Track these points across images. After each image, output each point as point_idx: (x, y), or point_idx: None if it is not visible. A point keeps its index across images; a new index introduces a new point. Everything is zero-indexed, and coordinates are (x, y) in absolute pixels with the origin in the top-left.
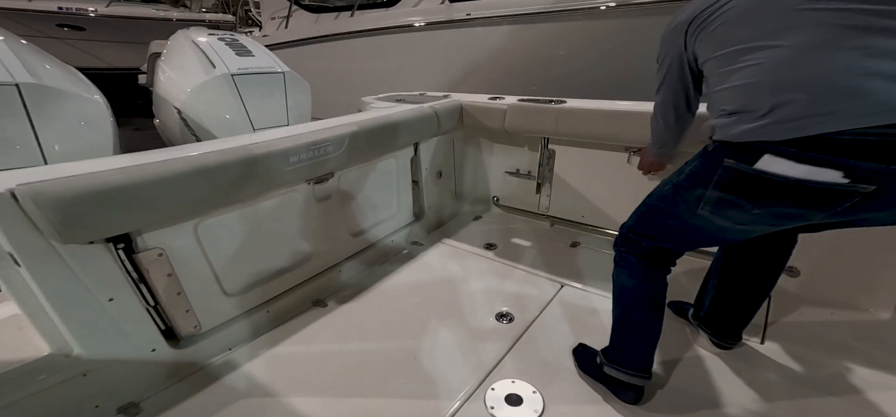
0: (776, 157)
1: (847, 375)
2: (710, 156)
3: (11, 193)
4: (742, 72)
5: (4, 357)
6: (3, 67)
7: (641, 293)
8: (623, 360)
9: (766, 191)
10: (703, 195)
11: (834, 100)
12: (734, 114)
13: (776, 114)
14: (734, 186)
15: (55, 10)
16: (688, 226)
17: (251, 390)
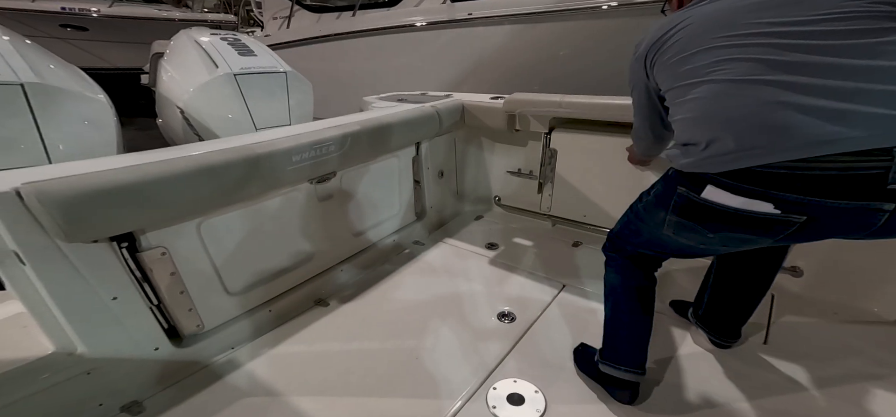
0: (717, 188)
1: (851, 377)
2: (669, 181)
3: (16, 192)
4: (687, 105)
5: (9, 356)
6: (7, 67)
7: (629, 290)
8: (616, 357)
9: (714, 218)
10: (664, 217)
11: (758, 134)
12: (684, 146)
13: (712, 148)
14: (688, 212)
15: (58, 11)
16: (661, 240)
17: (253, 389)
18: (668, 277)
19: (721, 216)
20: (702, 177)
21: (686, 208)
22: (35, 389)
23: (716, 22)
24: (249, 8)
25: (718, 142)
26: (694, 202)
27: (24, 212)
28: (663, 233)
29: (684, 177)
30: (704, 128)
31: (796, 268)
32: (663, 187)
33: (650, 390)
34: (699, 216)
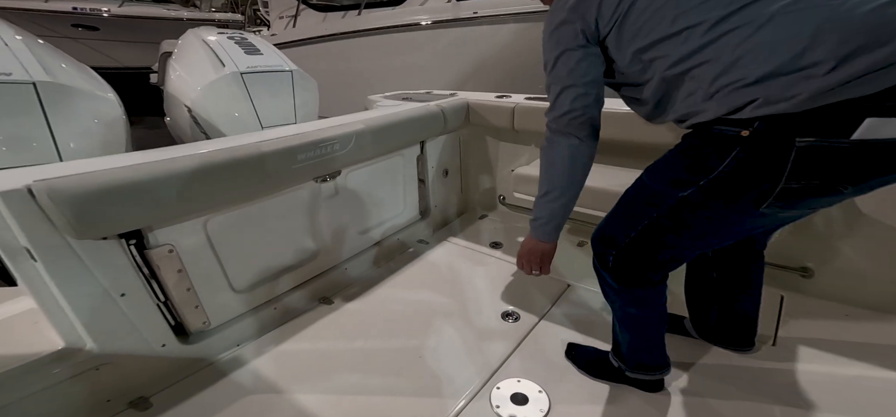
0: (882, 119)
1: (861, 378)
2: (759, 139)
3: (29, 189)
4: (762, 28)
5: (20, 351)
6: (21, 66)
7: (659, 316)
8: (646, 367)
9: (866, 164)
10: (765, 192)
11: None
12: (771, 78)
13: (856, 62)
14: (817, 170)
15: (70, 11)
16: (727, 233)
17: (258, 386)
18: None
19: (879, 156)
20: (850, 109)
21: (813, 164)
22: (45, 384)
23: None
24: (256, 7)
25: (867, 52)
26: (834, 150)
27: (35, 210)
28: (746, 221)
29: (801, 119)
30: (823, 39)
31: (807, 269)
32: (746, 155)
33: (657, 392)
34: (838, 170)
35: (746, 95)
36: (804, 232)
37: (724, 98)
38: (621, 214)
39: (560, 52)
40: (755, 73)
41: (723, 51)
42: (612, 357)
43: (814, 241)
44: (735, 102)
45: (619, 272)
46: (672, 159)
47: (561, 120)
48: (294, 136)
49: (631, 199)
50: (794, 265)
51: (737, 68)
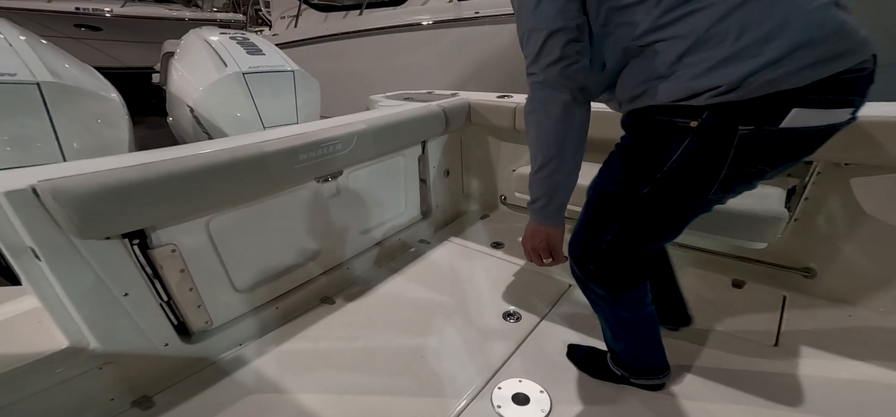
0: (804, 109)
1: (864, 379)
2: (708, 126)
3: (33, 189)
4: (716, 8)
5: (25, 350)
6: (25, 66)
7: (650, 318)
8: (648, 372)
9: (787, 149)
10: (718, 174)
11: (835, 37)
12: (721, 66)
13: (793, 59)
14: (754, 154)
15: (73, 11)
16: (688, 216)
17: (260, 385)
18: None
19: (799, 144)
20: (780, 99)
21: (755, 149)
22: (49, 383)
23: None
24: (258, 7)
25: (808, 48)
26: (767, 135)
27: (40, 209)
28: (701, 203)
29: (740, 108)
30: (760, 34)
31: (809, 270)
32: (697, 145)
33: (661, 390)
34: (774, 154)
35: (708, 81)
36: (806, 232)
37: (688, 81)
38: (591, 224)
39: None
40: (719, 55)
41: (693, 28)
42: (612, 365)
43: (816, 242)
44: (695, 87)
45: (603, 279)
46: (624, 159)
47: (552, 69)
48: (296, 136)
49: (596, 206)
50: (797, 265)
51: (703, 48)
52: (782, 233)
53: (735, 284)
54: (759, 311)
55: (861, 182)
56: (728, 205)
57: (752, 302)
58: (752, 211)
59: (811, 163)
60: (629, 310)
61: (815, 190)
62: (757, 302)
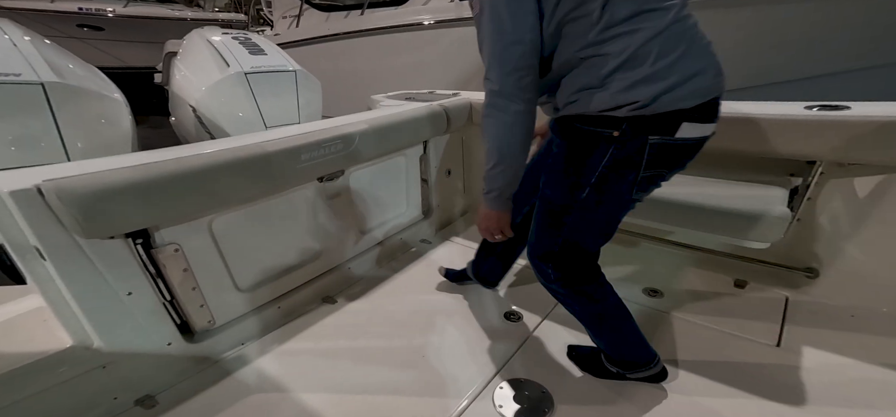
0: (691, 124)
1: (868, 380)
2: (627, 136)
3: (38, 189)
4: (636, 36)
5: (29, 349)
6: (29, 67)
7: (617, 305)
8: (640, 363)
9: (680, 156)
10: (635, 178)
11: (709, 65)
12: (632, 87)
13: (688, 85)
14: (660, 160)
15: (75, 11)
16: (618, 216)
17: (262, 385)
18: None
19: (685, 151)
20: (675, 116)
21: (661, 155)
22: (54, 382)
23: None
24: (259, 7)
25: (697, 78)
26: (668, 146)
27: (44, 209)
28: (627, 202)
29: (648, 122)
30: (671, 63)
31: (812, 270)
32: (618, 152)
33: (660, 391)
34: (671, 158)
35: (630, 96)
36: (809, 232)
37: (615, 93)
38: (543, 231)
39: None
40: (640, 75)
41: (625, 47)
42: (606, 364)
43: (819, 242)
44: (620, 100)
45: (562, 279)
46: (563, 168)
47: (507, 80)
48: (298, 136)
49: (545, 215)
50: (799, 265)
51: (630, 67)
52: (785, 233)
53: (737, 284)
54: (761, 311)
55: (864, 181)
56: (731, 205)
57: (754, 302)
58: (754, 212)
59: (814, 163)
60: (594, 304)
61: (818, 189)
62: (759, 303)
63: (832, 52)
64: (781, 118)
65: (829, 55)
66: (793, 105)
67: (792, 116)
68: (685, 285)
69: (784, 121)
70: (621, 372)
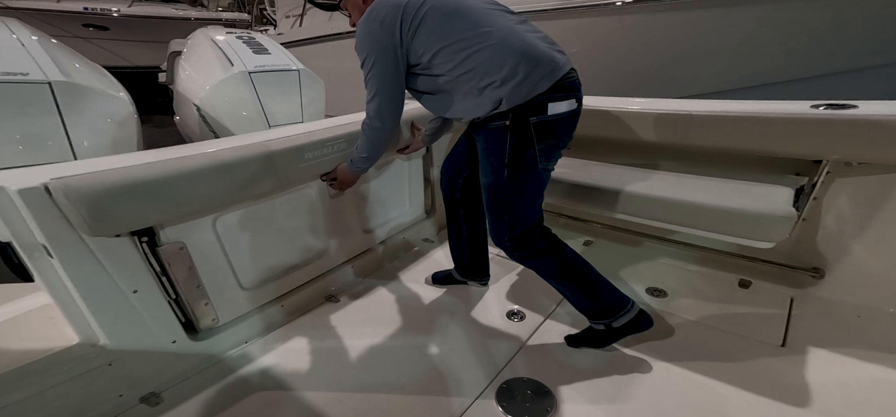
0: (554, 102)
1: (874, 380)
2: (515, 124)
3: (45, 187)
4: (485, 52)
5: (37, 346)
6: (36, 66)
7: (573, 255)
8: (617, 306)
9: (560, 127)
10: (535, 151)
11: (546, 58)
12: (500, 85)
13: (534, 74)
14: (545, 132)
15: (81, 11)
16: (545, 182)
17: (266, 383)
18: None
19: (562, 123)
20: (539, 100)
21: (543, 130)
22: (60, 379)
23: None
24: (263, 6)
25: (537, 69)
26: (545, 121)
27: (52, 207)
28: (543, 170)
29: (524, 108)
30: (515, 63)
31: (817, 270)
32: (514, 135)
33: (665, 389)
34: (553, 131)
35: (497, 95)
36: (815, 232)
37: (487, 97)
38: (494, 216)
39: (376, 53)
40: (498, 80)
41: (477, 64)
42: (593, 324)
43: (825, 242)
44: (494, 99)
45: (519, 246)
46: (486, 161)
47: (377, 114)
48: (301, 135)
49: (487, 203)
50: (805, 265)
51: (488, 76)
52: (790, 233)
53: (741, 284)
54: (766, 311)
55: (871, 181)
56: (736, 205)
57: (758, 302)
58: (759, 211)
59: (820, 162)
60: (553, 256)
61: (824, 189)
62: (764, 302)
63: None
64: (787, 117)
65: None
66: (799, 104)
67: (798, 115)
68: (689, 285)
69: (790, 120)
70: (608, 324)
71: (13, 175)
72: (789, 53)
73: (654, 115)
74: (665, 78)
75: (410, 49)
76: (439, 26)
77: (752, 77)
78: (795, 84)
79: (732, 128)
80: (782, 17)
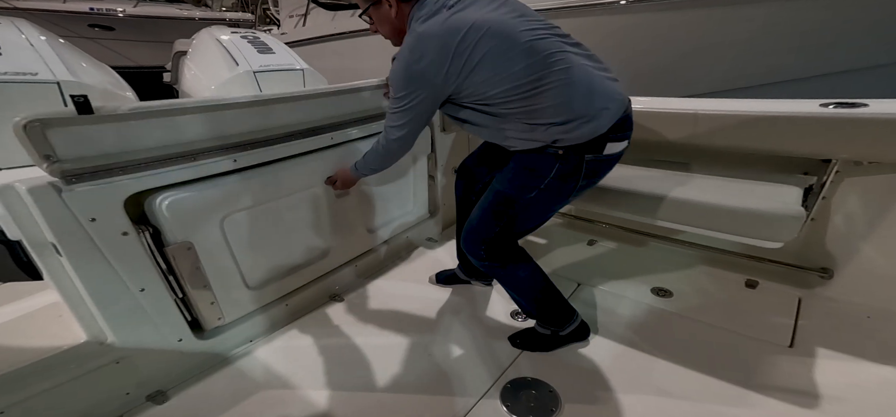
0: (613, 142)
1: (883, 382)
2: (568, 157)
3: (54, 186)
4: (551, 92)
5: (45, 344)
6: (46, 66)
7: (536, 269)
8: (567, 318)
9: (607, 166)
10: (574, 187)
11: (612, 99)
12: (564, 123)
13: (603, 116)
14: (594, 171)
15: (87, 11)
16: (548, 215)
17: (270, 381)
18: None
19: (611, 162)
20: (601, 139)
21: (593, 168)
22: (68, 377)
23: (505, 30)
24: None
25: (606, 110)
26: (600, 160)
27: (61, 205)
28: (562, 203)
29: (583, 146)
30: (584, 103)
31: (826, 270)
32: (561, 165)
33: (670, 390)
34: (601, 170)
35: (556, 133)
36: (824, 231)
37: (543, 133)
38: (486, 219)
39: (415, 92)
40: (563, 118)
41: (540, 102)
42: (540, 329)
43: (834, 242)
44: (551, 136)
45: (493, 255)
46: (517, 174)
47: (401, 141)
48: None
49: (490, 205)
50: (813, 265)
51: (554, 114)
52: (798, 233)
53: (748, 284)
54: (773, 312)
55: (881, 180)
56: (743, 204)
57: (766, 302)
58: (767, 211)
59: (829, 161)
60: (521, 270)
61: (833, 188)
62: (771, 303)
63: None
64: (796, 116)
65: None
66: (808, 103)
67: (807, 114)
68: (694, 285)
69: (799, 119)
70: (556, 332)
71: (23, 173)
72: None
73: (659, 114)
74: (670, 76)
75: (461, 87)
76: (501, 66)
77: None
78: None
79: (740, 127)
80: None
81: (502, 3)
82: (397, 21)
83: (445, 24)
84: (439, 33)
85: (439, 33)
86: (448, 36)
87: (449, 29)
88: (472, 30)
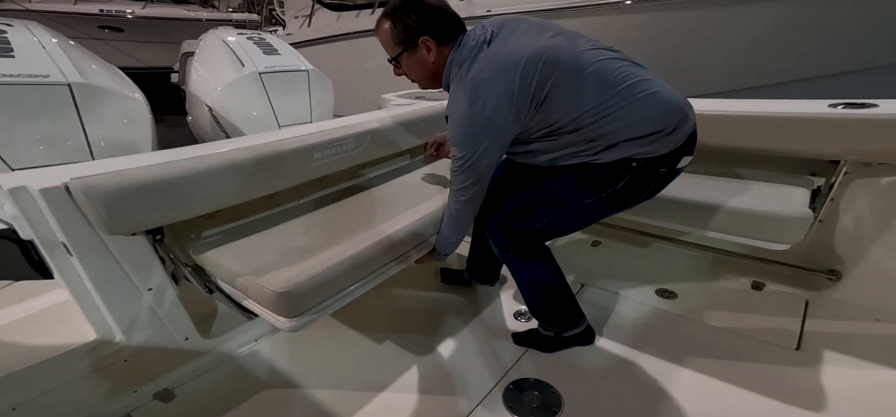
0: (687, 156)
1: (891, 386)
2: (642, 169)
3: (65, 187)
4: (626, 111)
5: (55, 342)
6: (57, 68)
7: (557, 270)
8: (574, 320)
9: (670, 180)
10: (640, 198)
11: (685, 113)
12: (641, 138)
13: (679, 130)
14: (662, 184)
15: (97, 13)
16: (589, 221)
17: (275, 381)
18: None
19: (675, 176)
20: (676, 153)
21: (662, 181)
22: (78, 374)
23: (565, 58)
24: (272, 7)
25: (683, 124)
26: (671, 172)
27: (72, 206)
28: (614, 212)
29: (659, 159)
30: (660, 118)
31: (834, 272)
32: (633, 176)
33: (674, 393)
34: (666, 183)
35: (630, 148)
36: (832, 233)
37: (612, 152)
38: (523, 214)
39: (481, 143)
40: (641, 133)
41: (614, 121)
42: (543, 331)
43: (842, 243)
44: (623, 154)
45: (521, 250)
46: (577, 178)
47: (471, 205)
48: (310, 135)
49: (535, 200)
50: (821, 267)
51: (633, 131)
52: (806, 235)
53: (754, 286)
54: (780, 314)
55: (891, 181)
56: (750, 205)
57: (772, 304)
58: (775, 212)
59: (838, 163)
60: (542, 268)
61: (842, 190)
62: (778, 305)
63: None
64: (804, 116)
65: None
66: (816, 103)
67: (815, 115)
68: (700, 287)
69: (807, 120)
70: (559, 333)
71: (35, 174)
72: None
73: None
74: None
75: (529, 124)
76: (571, 93)
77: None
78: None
79: (747, 127)
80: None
81: (540, 29)
82: (434, 65)
83: (498, 63)
84: (496, 73)
85: (496, 73)
86: (507, 73)
87: (503, 66)
88: (530, 62)
